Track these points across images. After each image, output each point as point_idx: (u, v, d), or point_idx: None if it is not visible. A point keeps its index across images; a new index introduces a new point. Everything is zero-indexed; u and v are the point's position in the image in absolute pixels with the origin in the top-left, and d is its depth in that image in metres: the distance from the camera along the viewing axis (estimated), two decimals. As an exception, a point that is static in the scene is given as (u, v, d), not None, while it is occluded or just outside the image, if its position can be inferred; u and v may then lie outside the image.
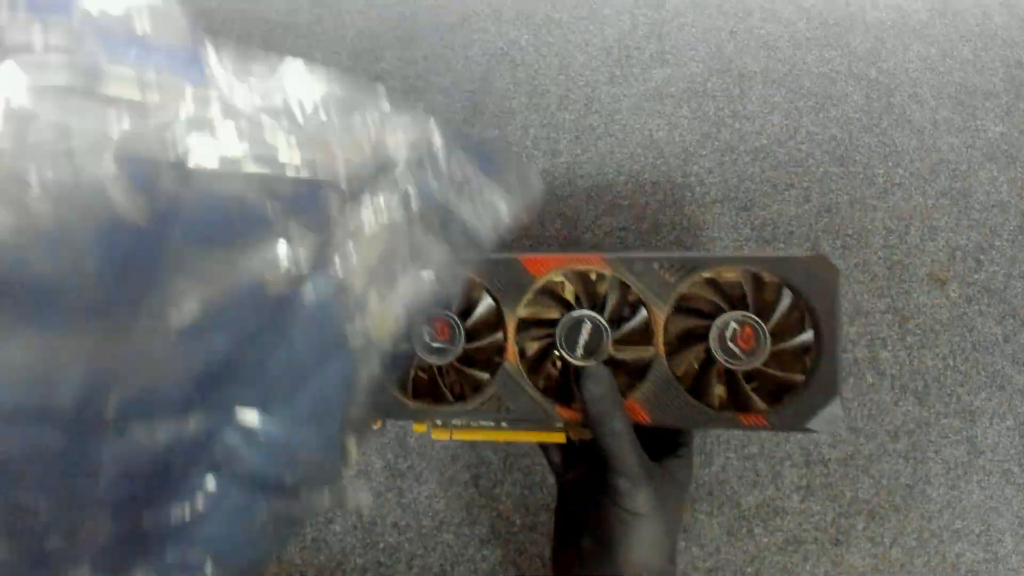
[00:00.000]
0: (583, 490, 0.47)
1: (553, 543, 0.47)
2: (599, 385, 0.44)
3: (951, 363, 0.61)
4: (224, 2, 0.66)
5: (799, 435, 0.59)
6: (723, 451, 0.59)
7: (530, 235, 0.62)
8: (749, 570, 0.58)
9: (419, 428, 0.51)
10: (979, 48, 0.67)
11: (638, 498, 0.42)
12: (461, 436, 0.50)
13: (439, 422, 0.50)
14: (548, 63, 0.66)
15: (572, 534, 0.45)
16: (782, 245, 0.62)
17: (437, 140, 0.30)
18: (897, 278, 0.62)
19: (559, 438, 0.49)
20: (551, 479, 0.59)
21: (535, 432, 0.49)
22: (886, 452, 0.59)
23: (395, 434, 0.59)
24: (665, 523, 0.43)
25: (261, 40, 0.65)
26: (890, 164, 0.64)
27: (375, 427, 0.52)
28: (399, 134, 0.29)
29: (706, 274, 0.46)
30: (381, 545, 0.58)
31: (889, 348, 0.61)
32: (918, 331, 0.61)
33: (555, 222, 0.62)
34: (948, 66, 0.66)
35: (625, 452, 0.42)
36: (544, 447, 0.52)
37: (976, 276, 0.62)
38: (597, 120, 0.64)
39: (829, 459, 0.59)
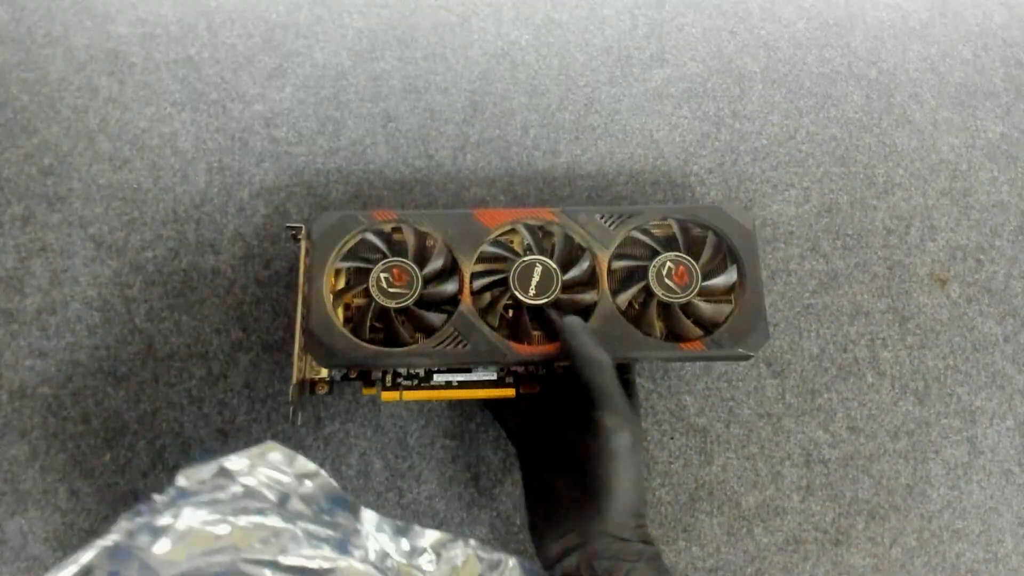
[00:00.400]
0: (556, 440, 0.47)
1: (527, 511, 0.46)
2: (578, 329, 0.46)
3: (951, 363, 0.61)
4: (224, 2, 0.66)
5: (798, 434, 0.59)
6: (723, 451, 0.59)
7: (530, 235, 0.62)
8: (749, 570, 0.58)
9: (368, 391, 0.53)
10: (979, 48, 0.67)
11: (624, 435, 0.42)
12: (411, 396, 0.53)
13: (389, 381, 0.52)
14: (548, 63, 0.66)
15: (547, 489, 0.44)
16: (782, 245, 0.62)
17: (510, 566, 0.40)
18: (897, 278, 0.62)
19: (508, 393, 0.52)
20: (551, 479, 0.59)
21: (485, 389, 0.52)
22: (886, 452, 0.59)
23: (395, 434, 0.59)
24: (641, 462, 0.44)
25: (261, 40, 0.65)
26: (890, 164, 0.64)
27: (321, 392, 0.54)
28: (484, 563, 0.39)
29: (642, 224, 0.52)
30: (381, 545, 0.58)
31: (889, 348, 0.61)
32: (918, 331, 0.61)
33: (555, 222, 0.62)
34: (948, 66, 0.66)
35: (612, 387, 0.43)
36: (501, 415, 0.53)
37: (976, 276, 0.62)
38: (597, 120, 0.64)
39: (829, 459, 0.59)
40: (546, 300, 0.50)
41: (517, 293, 0.50)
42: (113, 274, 0.61)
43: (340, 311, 0.52)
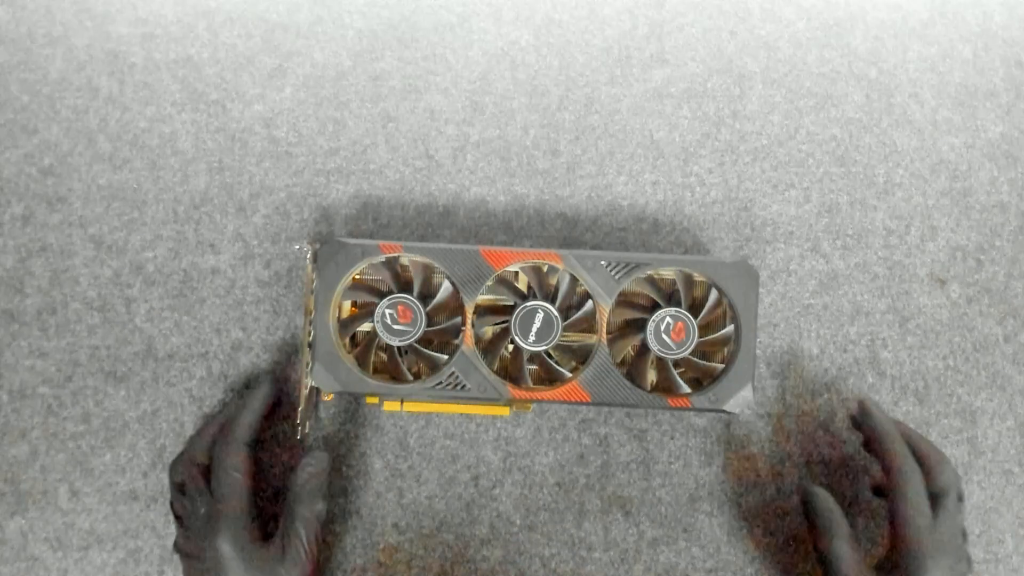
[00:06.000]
0: None
1: None
2: (826, 516, 0.52)
3: (951, 363, 0.61)
4: (224, 2, 0.66)
5: (798, 435, 0.59)
6: (723, 451, 0.59)
7: (531, 235, 0.62)
8: (749, 570, 0.58)
9: (372, 400, 0.55)
10: (979, 48, 0.67)
11: None
12: (411, 408, 0.55)
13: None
14: (548, 63, 0.66)
15: None
16: (782, 245, 0.62)
17: None
18: (897, 278, 0.62)
19: (503, 411, 0.55)
20: (552, 479, 0.59)
21: (480, 405, 0.55)
22: (886, 452, 0.59)
23: (395, 434, 0.59)
24: None
25: (261, 40, 0.65)
26: (890, 164, 0.64)
27: (326, 399, 0.56)
28: None
29: (646, 272, 0.53)
30: (381, 545, 0.58)
31: (889, 348, 0.61)
32: (918, 331, 0.61)
33: (555, 222, 0.62)
34: (948, 66, 0.66)
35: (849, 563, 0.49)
36: None
37: (976, 276, 0.62)
38: (597, 120, 0.64)
39: (829, 459, 0.59)
40: (545, 347, 0.52)
41: (518, 339, 0.52)
42: (113, 274, 0.61)
43: (347, 340, 0.54)
